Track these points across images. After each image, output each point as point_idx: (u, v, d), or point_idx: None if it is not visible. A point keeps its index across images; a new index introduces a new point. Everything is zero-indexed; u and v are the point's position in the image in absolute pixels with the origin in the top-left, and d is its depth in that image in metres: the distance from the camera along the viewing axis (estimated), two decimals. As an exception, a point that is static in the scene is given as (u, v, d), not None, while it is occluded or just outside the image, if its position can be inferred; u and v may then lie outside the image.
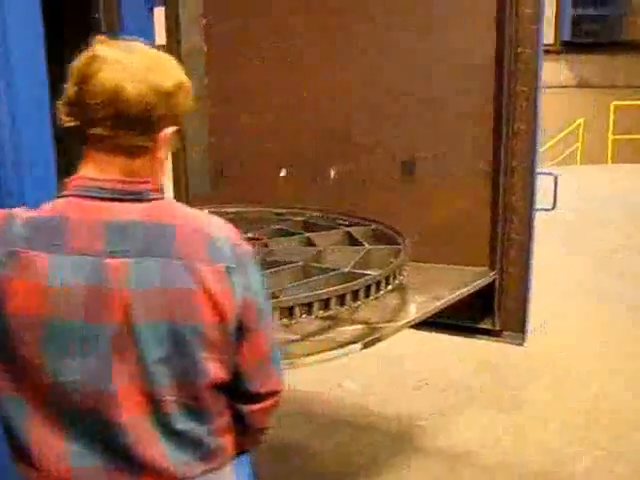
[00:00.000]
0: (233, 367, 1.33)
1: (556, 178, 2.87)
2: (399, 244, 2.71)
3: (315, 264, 2.58)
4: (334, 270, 2.44)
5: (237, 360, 1.33)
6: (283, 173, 3.49)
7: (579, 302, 5.67)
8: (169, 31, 3.56)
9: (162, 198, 1.31)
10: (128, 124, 1.23)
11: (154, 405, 1.26)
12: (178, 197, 3.73)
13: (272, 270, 2.45)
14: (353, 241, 2.82)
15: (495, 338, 3.08)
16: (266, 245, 2.77)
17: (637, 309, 5.47)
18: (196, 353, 1.26)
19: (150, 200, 1.29)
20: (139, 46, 1.28)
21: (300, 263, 2.54)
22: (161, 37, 3.68)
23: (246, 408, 1.39)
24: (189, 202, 3.64)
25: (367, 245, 2.73)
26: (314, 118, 3.26)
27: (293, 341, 2.25)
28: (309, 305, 2.17)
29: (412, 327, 2.94)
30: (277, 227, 2.96)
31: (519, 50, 2.73)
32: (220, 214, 3.37)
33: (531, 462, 3.48)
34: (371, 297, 2.35)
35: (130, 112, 1.22)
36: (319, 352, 2.18)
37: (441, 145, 3.00)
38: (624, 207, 9.12)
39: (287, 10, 3.19)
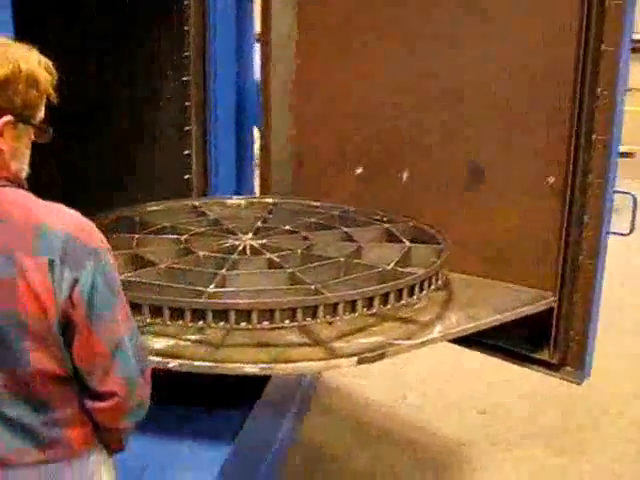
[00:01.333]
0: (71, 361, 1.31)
1: (635, 198, 2.50)
2: (439, 243, 2.53)
3: (356, 260, 2.48)
4: (376, 267, 2.33)
5: (72, 355, 1.30)
6: (359, 170, 3.37)
7: None
8: (263, 17, 3.54)
9: (4, 186, 1.29)
10: None
11: None
12: (263, 191, 3.71)
13: (313, 265, 2.38)
14: (392, 238, 2.67)
15: (551, 372, 2.75)
16: (306, 238, 2.69)
17: None
18: (17, 342, 1.25)
19: None
20: None
21: (342, 259, 2.45)
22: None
23: (90, 404, 1.36)
24: (270, 195, 3.59)
25: (407, 243, 2.58)
26: (391, 113, 3.09)
27: (300, 345, 2.16)
28: (353, 303, 2.09)
29: (458, 343, 2.71)
30: (313, 220, 2.85)
31: (602, 48, 2.39)
32: (252, 204, 3.31)
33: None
34: (415, 297, 2.22)
35: None
36: (307, 360, 2.08)
37: (509, 154, 2.73)
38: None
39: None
